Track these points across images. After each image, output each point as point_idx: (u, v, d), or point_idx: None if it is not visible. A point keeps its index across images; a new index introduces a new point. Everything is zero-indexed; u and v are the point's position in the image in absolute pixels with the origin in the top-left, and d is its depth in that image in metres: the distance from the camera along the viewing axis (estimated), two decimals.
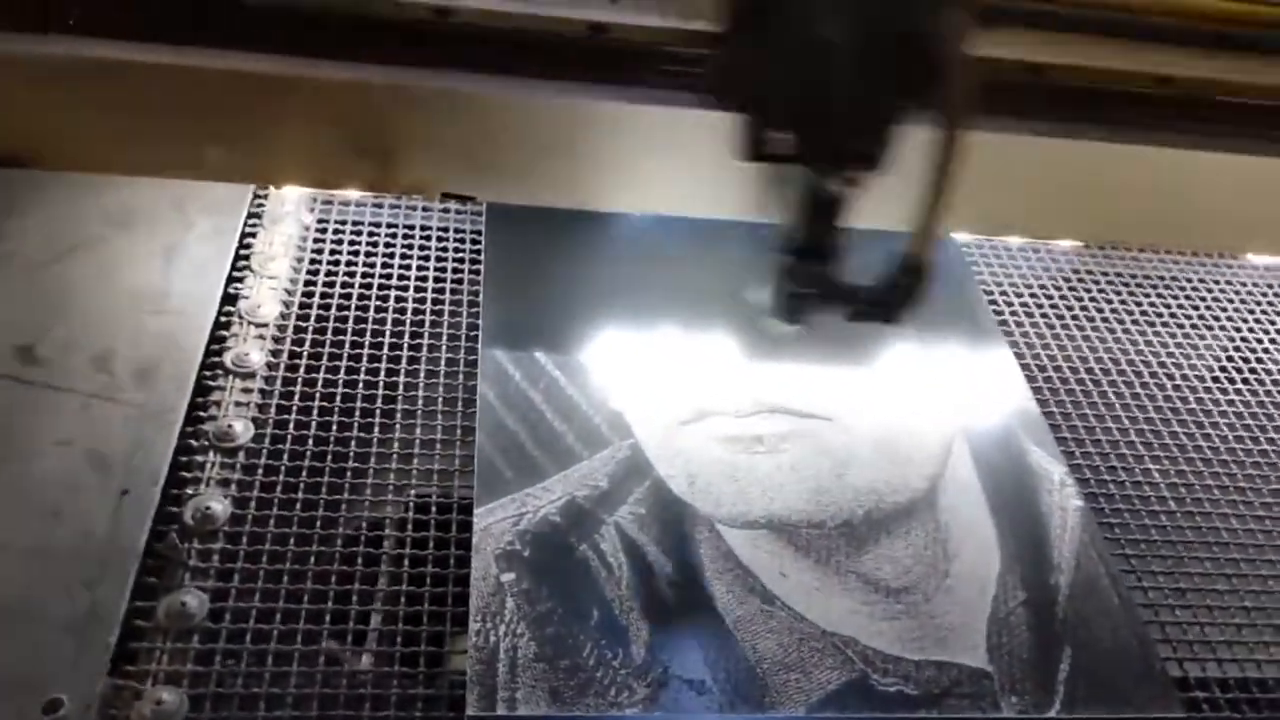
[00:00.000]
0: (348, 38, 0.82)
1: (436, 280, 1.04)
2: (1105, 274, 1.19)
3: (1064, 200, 0.97)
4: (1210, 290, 1.20)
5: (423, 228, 1.08)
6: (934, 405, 1.00)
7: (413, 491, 0.86)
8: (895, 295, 0.76)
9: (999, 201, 0.97)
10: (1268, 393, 1.10)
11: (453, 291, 1.03)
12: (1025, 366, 1.06)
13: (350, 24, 0.81)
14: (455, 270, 1.05)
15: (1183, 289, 1.20)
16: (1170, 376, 1.09)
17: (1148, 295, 1.18)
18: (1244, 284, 1.22)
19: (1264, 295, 1.20)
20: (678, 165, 0.88)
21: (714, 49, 0.73)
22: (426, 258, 1.06)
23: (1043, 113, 0.93)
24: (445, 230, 1.09)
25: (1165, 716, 0.80)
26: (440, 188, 0.88)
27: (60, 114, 0.81)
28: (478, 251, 1.07)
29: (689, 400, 0.96)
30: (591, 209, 0.84)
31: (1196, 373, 1.11)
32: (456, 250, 1.07)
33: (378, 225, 1.08)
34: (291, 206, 1.08)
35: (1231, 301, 1.19)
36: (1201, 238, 1.11)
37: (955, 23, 0.65)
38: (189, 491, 0.82)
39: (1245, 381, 1.10)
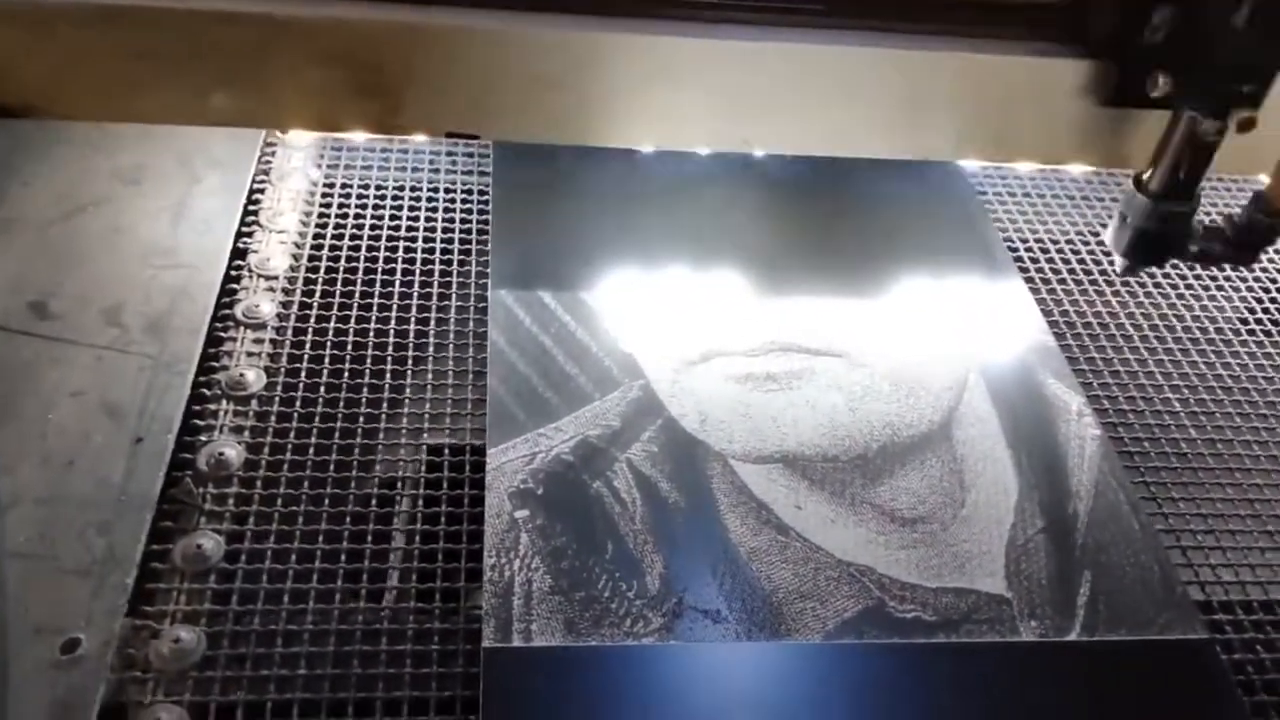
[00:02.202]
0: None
1: (445, 229, 1.04)
2: (1120, 191, 1.18)
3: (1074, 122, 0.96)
4: (1226, 208, 1.18)
5: (430, 178, 1.08)
6: (948, 339, 0.99)
7: (425, 435, 0.86)
8: (1254, 236, 0.78)
9: (1008, 125, 0.95)
10: None
11: (461, 239, 1.03)
12: (1040, 300, 1.05)
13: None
14: (464, 218, 1.05)
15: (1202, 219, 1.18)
16: (1189, 308, 1.08)
17: None
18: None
19: None
20: (686, 98, 0.87)
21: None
22: (435, 207, 1.06)
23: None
24: (453, 180, 1.09)
25: (1188, 637, 0.79)
26: (444, 127, 0.87)
27: (62, 62, 0.81)
28: (485, 200, 1.06)
29: (699, 340, 0.96)
30: (597, 145, 0.84)
31: (1215, 303, 1.09)
32: (464, 199, 1.07)
33: (385, 177, 1.08)
34: (299, 161, 1.08)
35: None
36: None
37: None
38: (203, 439, 0.83)
39: (1266, 311, 1.09)
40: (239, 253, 0.98)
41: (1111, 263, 1.09)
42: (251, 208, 1.02)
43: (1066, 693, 0.75)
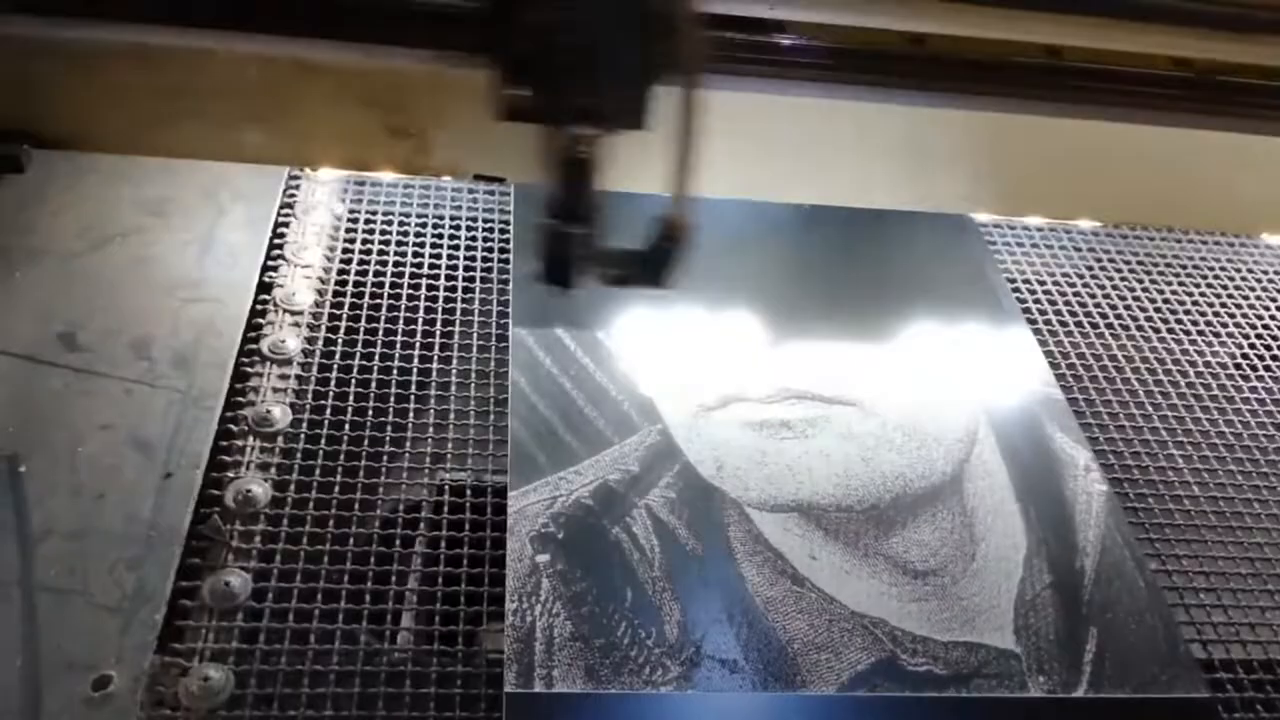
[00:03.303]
0: (381, 24, 0.83)
1: (466, 267, 1.05)
2: (1126, 258, 1.20)
3: (1082, 180, 0.98)
4: (1232, 277, 1.21)
5: (452, 215, 1.10)
6: (958, 390, 1.01)
7: (447, 475, 0.88)
8: (658, 258, 0.74)
9: (1019, 182, 0.98)
10: None
11: (483, 278, 1.05)
12: (1048, 352, 1.07)
13: (378, 8, 0.83)
14: (485, 257, 1.07)
15: (1204, 276, 1.21)
16: (1193, 363, 1.10)
17: (1169, 281, 1.19)
18: (1265, 270, 1.22)
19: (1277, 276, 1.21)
20: (704, 147, 0.89)
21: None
22: (456, 245, 1.07)
23: (1060, 93, 0.94)
24: (474, 218, 1.10)
25: (1190, 696, 0.81)
26: (472, 169, 0.89)
27: (102, 98, 0.83)
28: (506, 239, 1.08)
29: (716, 385, 0.97)
30: (619, 190, 0.86)
31: (1219, 359, 1.11)
32: (485, 238, 1.09)
33: (408, 213, 1.09)
34: (323, 196, 1.10)
35: (1253, 289, 1.20)
36: (1215, 218, 1.12)
37: None
38: (230, 475, 0.84)
39: (1268, 369, 1.11)
40: (264, 287, 0.99)
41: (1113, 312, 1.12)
42: (276, 241, 1.04)
43: None
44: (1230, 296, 1.19)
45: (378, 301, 1.01)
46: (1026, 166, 1.01)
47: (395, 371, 0.94)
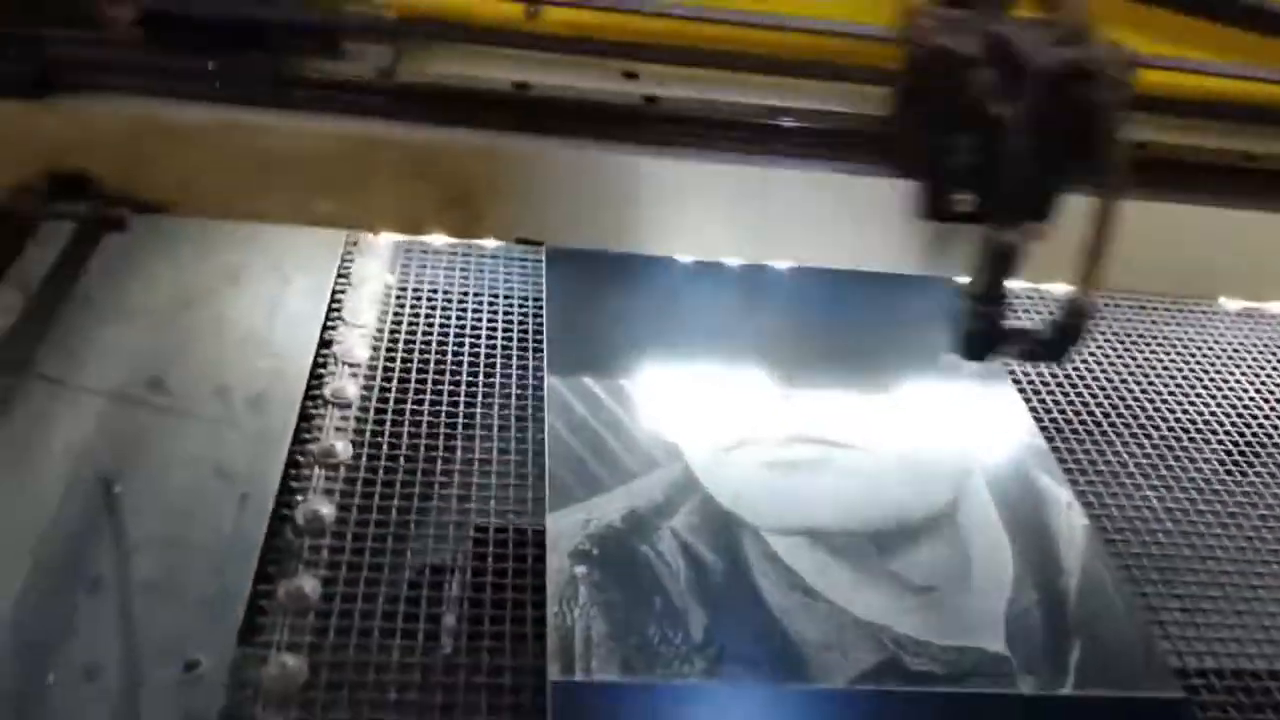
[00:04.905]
0: (438, 104, 0.97)
1: (505, 327, 1.17)
2: (1100, 325, 1.32)
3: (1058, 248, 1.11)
4: (1199, 345, 1.33)
5: (490, 282, 1.22)
6: (949, 437, 1.11)
7: (492, 503, 0.97)
8: (1063, 336, 0.86)
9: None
10: (1254, 433, 1.21)
11: (519, 338, 1.16)
12: (1031, 407, 1.18)
13: (440, 93, 0.97)
14: (521, 319, 1.18)
15: (1173, 344, 1.32)
16: (1164, 419, 1.21)
17: (1140, 349, 1.31)
18: (1228, 340, 1.34)
19: (1240, 345, 1.33)
20: (719, 216, 1.02)
21: (892, 121, 0.86)
22: (495, 308, 1.19)
23: None
24: (510, 285, 1.23)
25: (1166, 695, 0.89)
26: (515, 234, 1.02)
27: (196, 167, 0.96)
28: (540, 301, 1.20)
29: (731, 431, 1.08)
30: (642, 252, 0.99)
31: (1188, 416, 1.22)
32: (521, 303, 1.21)
33: (451, 281, 1.22)
34: (375, 267, 1.22)
35: (1219, 356, 1.32)
36: (1182, 285, 1.25)
37: (1113, 100, 0.76)
38: (298, 498, 0.94)
39: (1233, 424, 1.22)
40: (325, 343, 1.11)
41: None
42: (334, 306, 1.16)
43: None
44: (1198, 362, 1.30)
45: (426, 357, 1.12)
46: None
47: (444, 414, 1.05)
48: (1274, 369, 1.30)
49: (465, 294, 1.21)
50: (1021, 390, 1.21)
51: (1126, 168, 0.77)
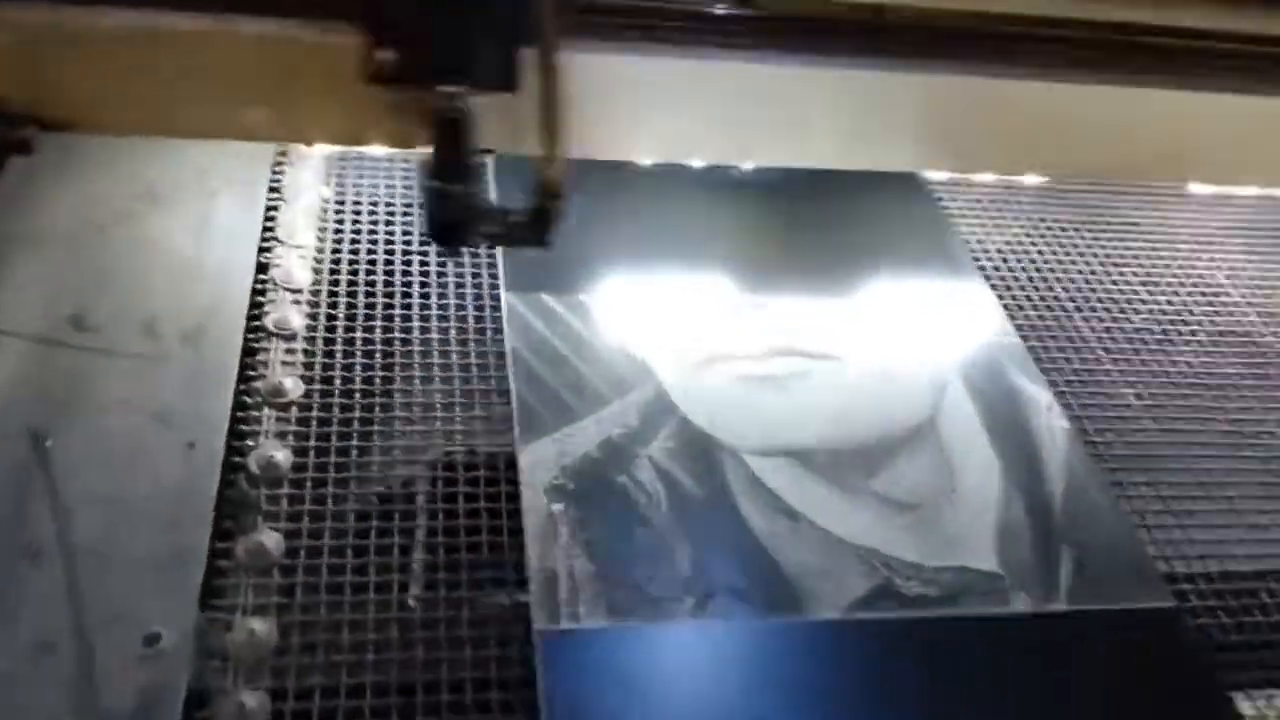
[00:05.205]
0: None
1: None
2: (1069, 215, 1.28)
3: (1028, 138, 1.06)
4: (1165, 232, 1.30)
5: None
6: (926, 343, 1.07)
7: (458, 436, 0.92)
8: (539, 216, 0.77)
9: (967, 141, 1.05)
10: (1226, 322, 1.19)
11: (470, 252, 1.09)
12: (1004, 302, 1.14)
13: None
14: None
15: (1141, 231, 1.29)
16: (1137, 310, 1.18)
17: (1106, 234, 1.28)
18: (1195, 226, 1.31)
19: (1212, 231, 1.30)
20: (687, 115, 0.95)
21: None
22: None
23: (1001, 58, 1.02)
24: None
25: (1157, 605, 0.88)
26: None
27: (109, 80, 0.85)
28: None
29: (702, 346, 1.03)
30: (598, 159, 0.91)
31: (1159, 306, 1.20)
32: None
33: (393, 192, 1.13)
34: (309, 178, 1.13)
35: (1185, 242, 1.29)
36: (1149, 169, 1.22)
37: None
38: (250, 443, 0.87)
39: (1204, 312, 1.20)
40: (262, 267, 1.02)
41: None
42: (269, 224, 1.07)
43: (1059, 656, 0.84)
44: (1169, 247, 1.27)
45: (373, 278, 1.04)
46: (977, 125, 1.09)
47: (397, 341, 0.98)
48: (1246, 255, 1.28)
49: (409, 206, 1.13)
50: (993, 286, 1.17)
51: (565, 17, 0.68)
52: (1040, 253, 1.24)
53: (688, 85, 1.03)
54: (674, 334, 1.04)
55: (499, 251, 1.08)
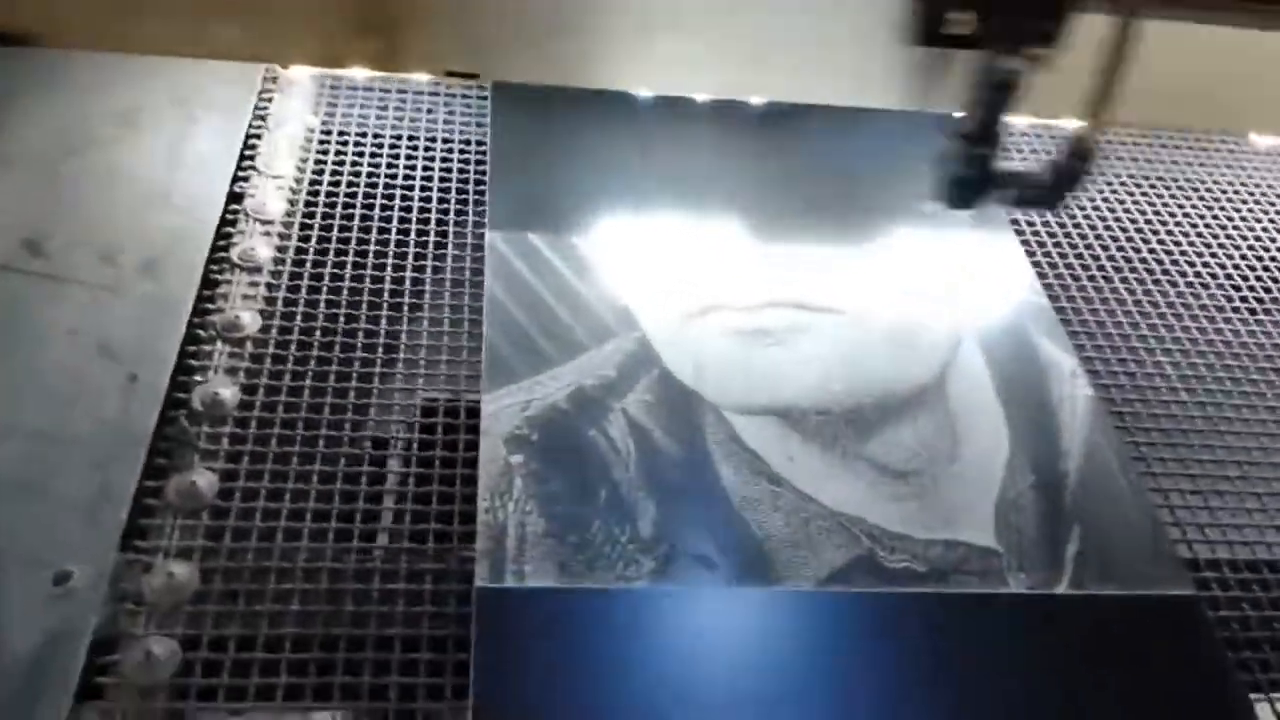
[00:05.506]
0: None
1: (443, 176, 1.03)
2: (1114, 165, 1.18)
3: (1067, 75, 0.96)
4: (1224, 189, 1.19)
5: (428, 125, 1.08)
6: (944, 298, 0.99)
7: (421, 381, 0.86)
8: (1061, 180, 0.77)
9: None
10: None
11: (459, 186, 1.03)
12: (1035, 262, 1.05)
13: None
14: (462, 166, 1.05)
15: (1195, 187, 1.19)
16: (1183, 273, 1.08)
17: (1155, 188, 1.17)
18: (1258, 182, 1.20)
19: (1270, 187, 1.19)
20: (686, 44, 0.87)
21: None
22: (432, 155, 1.05)
23: None
24: (451, 128, 1.08)
25: (1175, 593, 0.80)
26: (445, 66, 0.87)
27: None
28: (484, 149, 1.06)
29: (697, 294, 0.96)
30: (598, 88, 0.83)
31: (1209, 270, 1.09)
32: (463, 147, 1.06)
33: (384, 123, 1.07)
34: (297, 106, 1.07)
35: (1245, 201, 1.18)
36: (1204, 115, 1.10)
37: None
38: (197, 379, 0.82)
39: (1258, 278, 1.09)
40: (235, 197, 0.97)
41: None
42: (248, 153, 1.02)
43: (1055, 644, 0.76)
44: (1223, 208, 1.17)
45: (350, 211, 0.99)
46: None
47: (368, 280, 0.93)
48: None
49: (398, 138, 1.07)
50: (1025, 242, 1.08)
51: None
52: (1081, 207, 1.14)
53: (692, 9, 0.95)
54: (666, 280, 0.97)
55: (488, 189, 1.02)
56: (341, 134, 1.06)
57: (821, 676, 0.71)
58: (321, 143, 1.05)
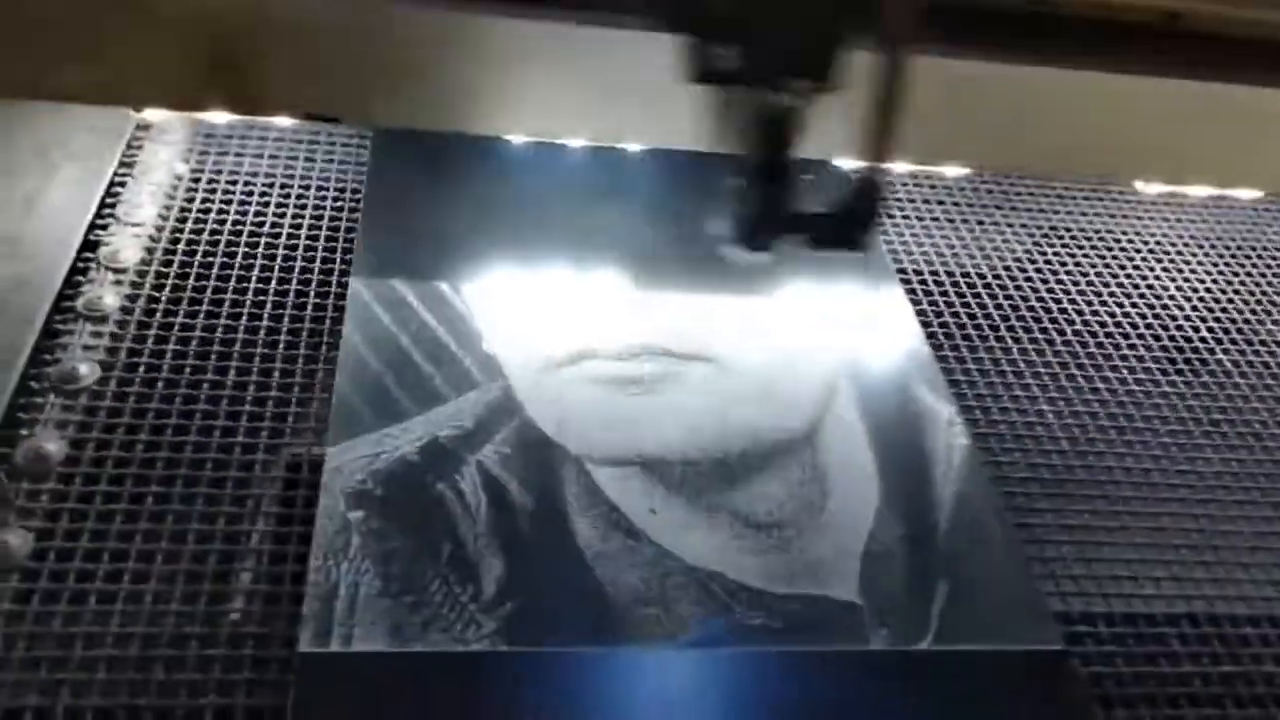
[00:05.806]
0: None
1: (313, 223, 1.01)
2: (1006, 207, 1.18)
3: (954, 124, 0.95)
4: (1118, 239, 1.18)
5: (304, 172, 1.05)
6: (821, 345, 0.97)
7: (264, 434, 0.82)
8: (855, 219, 0.75)
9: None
10: (1170, 338, 1.07)
11: (328, 234, 1.00)
12: (919, 308, 1.03)
13: None
14: (334, 212, 1.02)
15: (1084, 230, 1.18)
16: (1071, 321, 1.07)
17: (1048, 238, 1.16)
18: (1151, 232, 1.20)
19: (1165, 236, 1.19)
20: (561, 86, 0.85)
21: None
22: (304, 203, 1.02)
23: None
24: (328, 171, 1.06)
25: (1043, 648, 0.77)
26: (303, 108, 0.84)
27: None
28: (358, 197, 1.03)
29: (568, 342, 0.93)
30: (467, 131, 0.81)
31: (1099, 319, 1.08)
32: (337, 196, 1.04)
33: (256, 170, 1.05)
34: (166, 155, 1.05)
35: (1139, 250, 1.17)
36: (1089, 164, 1.09)
37: None
38: (23, 433, 0.78)
39: (1148, 327, 1.08)
40: (89, 245, 0.94)
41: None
42: (109, 200, 0.98)
43: (916, 703, 0.73)
44: (1115, 256, 1.16)
45: (210, 260, 0.95)
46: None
47: (220, 330, 0.89)
48: (1197, 263, 1.16)
49: (270, 185, 1.04)
50: (910, 290, 1.06)
51: (915, 16, 0.64)
52: (971, 255, 1.12)
53: (561, 51, 0.94)
54: (536, 328, 0.94)
55: (358, 238, 0.99)
56: (211, 181, 1.03)
57: None
58: (189, 190, 1.02)
